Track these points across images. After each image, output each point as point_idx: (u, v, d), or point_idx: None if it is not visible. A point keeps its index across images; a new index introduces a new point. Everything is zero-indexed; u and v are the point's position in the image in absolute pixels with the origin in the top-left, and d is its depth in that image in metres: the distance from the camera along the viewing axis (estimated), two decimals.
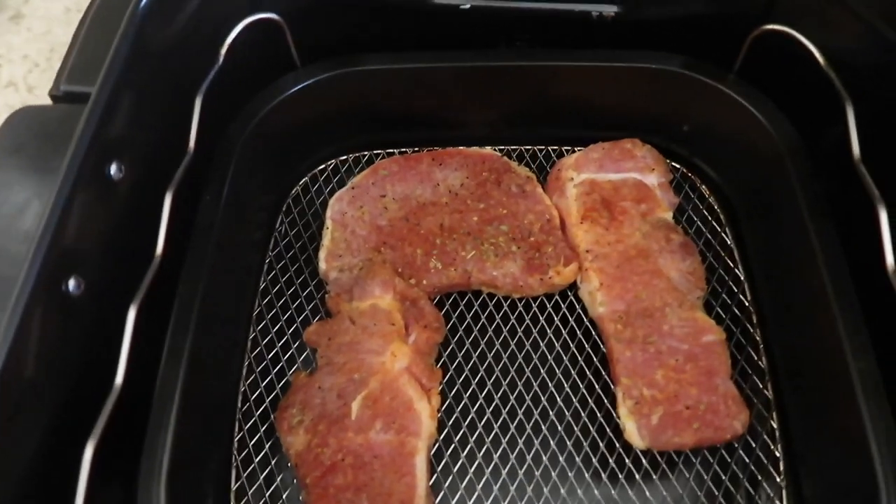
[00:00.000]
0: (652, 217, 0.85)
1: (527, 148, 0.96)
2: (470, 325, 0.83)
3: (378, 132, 0.95)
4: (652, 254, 0.82)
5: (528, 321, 0.83)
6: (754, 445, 0.73)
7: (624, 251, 0.82)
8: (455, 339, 0.82)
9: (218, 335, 0.74)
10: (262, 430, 0.75)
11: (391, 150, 0.96)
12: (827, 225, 0.73)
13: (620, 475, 0.73)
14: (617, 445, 0.74)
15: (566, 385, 0.78)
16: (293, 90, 0.85)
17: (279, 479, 0.73)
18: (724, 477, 0.72)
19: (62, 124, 0.61)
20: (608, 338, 0.78)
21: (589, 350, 0.80)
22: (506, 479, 0.73)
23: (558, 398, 0.78)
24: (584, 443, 0.75)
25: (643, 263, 0.81)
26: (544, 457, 0.74)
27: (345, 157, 0.96)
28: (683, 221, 0.89)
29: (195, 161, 0.72)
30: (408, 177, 0.89)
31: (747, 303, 0.82)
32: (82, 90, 0.70)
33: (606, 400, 0.77)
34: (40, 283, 0.55)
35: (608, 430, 0.75)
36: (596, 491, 0.72)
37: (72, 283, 0.58)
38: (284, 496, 0.72)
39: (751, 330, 0.80)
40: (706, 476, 0.72)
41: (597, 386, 0.78)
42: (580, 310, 0.83)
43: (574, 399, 0.78)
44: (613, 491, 0.72)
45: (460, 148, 0.92)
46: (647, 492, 0.72)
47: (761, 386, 0.77)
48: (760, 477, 0.72)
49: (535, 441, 0.75)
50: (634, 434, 0.71)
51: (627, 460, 0.73)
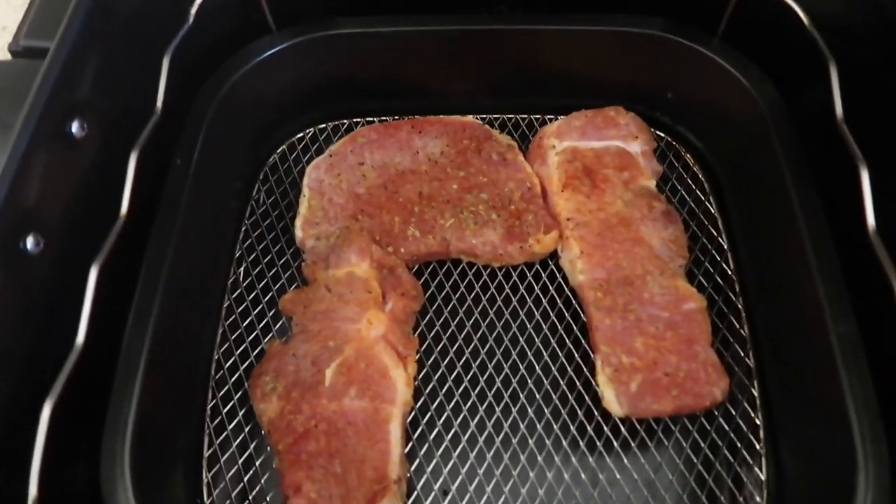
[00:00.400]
0: (634, 185, 0.84)
1: (509, 116, 0.94)
2: (449, 294, 0.82)
3: (357, 100, 0.93)
4: (634, 222, 0.81)
5: (508, 290, 0.82)
6: (734, 413, 0.72)
7: (605, 219, 0.81)
8: (433, 308, 0.81)
9: (188, 301, 0.72)
10: (236, 398, 0.74)
11: (371, 119, 0.94)
12: (810, 193, 0.72)
13: (598, 443, 0.72)
14: (595, 413, 0.73)
15: (545, 353, 0.77)
16: (267, 54, 0.84)
17: (252, 447, 0.72)
18: (704, 444, 0.71)
19: (21, 80, 0.59)
20: (588, 306, 0.77)
21: (569, 319, 0.79)
22: (482, 447, 0.72)
23: (536, 366, 0.77)
24: (563, 411, 0.74)
25: (624, 231, 0.80)
26: (522, 425, 0.73)
27: (323, 126, 0.94)
28: (667, 190, 0.88)
29: (166, 124, 0.71)
30: (387, 144, 0.88)
31: (730, 271, 0.81)
32: (42, 45, 0.68)
33: (586, 369, 0.75)
34: None
35: (587, 399, 0.74)
36: (573, 459, 0.72)
37: (30, 241, 0.56)
38: (258, 463, 0.71)
39: (733, 298, 0.79)
40: (685, 444, 0.72)
41: (576, 355, 0.77)
42: (560, 279, 0.82)
43: (553, 368, 0.77)
44: (591, 459, 0.71)
45: (441, 116, 0.90)
46: (626, 459, 0.71)
47: (742, 354, 0.76)
48: (740, 444, 0.71)
49: (513, 409, 0.74)
50: (613, 401, 0.70)
51: (606, 428, 0.72)
